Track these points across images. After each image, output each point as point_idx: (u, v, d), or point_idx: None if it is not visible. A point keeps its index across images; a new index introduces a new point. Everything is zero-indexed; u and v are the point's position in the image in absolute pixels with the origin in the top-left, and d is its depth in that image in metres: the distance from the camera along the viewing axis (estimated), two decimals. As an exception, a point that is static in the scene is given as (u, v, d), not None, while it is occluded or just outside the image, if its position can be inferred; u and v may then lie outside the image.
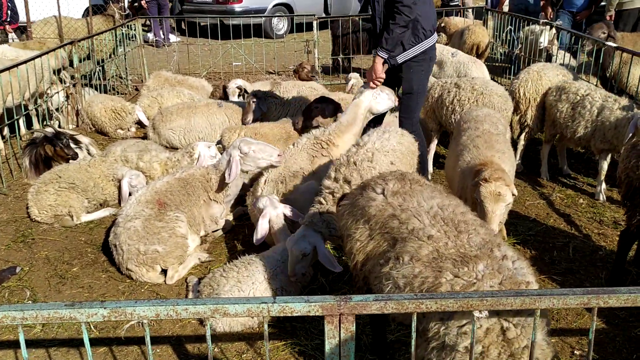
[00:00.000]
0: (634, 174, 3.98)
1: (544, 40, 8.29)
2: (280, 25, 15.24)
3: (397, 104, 5.20)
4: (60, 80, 8.08)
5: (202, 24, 14.58)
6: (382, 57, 4.93)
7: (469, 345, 2.03)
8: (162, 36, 14.05)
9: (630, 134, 5.05)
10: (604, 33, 7.44)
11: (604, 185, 5.74)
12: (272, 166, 4.83)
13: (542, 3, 9.95)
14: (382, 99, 5.09)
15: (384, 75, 5.02)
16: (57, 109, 7.86)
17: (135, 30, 10.52)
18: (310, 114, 5.84)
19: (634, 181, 3.99)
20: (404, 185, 2.89)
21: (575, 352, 3.61)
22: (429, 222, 2.56)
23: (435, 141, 6.61)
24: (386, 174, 3.14)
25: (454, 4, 12.93)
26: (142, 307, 1.91)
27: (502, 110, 5.82)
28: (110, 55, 9.82)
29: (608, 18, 9.17)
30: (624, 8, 9.30)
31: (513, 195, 3.68)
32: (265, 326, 2.01)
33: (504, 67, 10.35)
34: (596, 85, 6.55)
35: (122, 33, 9.94)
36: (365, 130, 5.00)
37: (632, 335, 3.77)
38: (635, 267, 4.48)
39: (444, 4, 13.17)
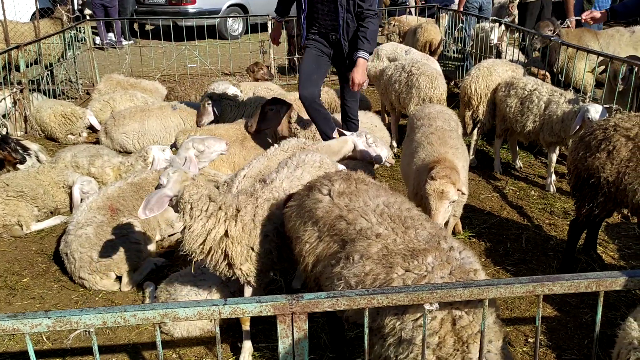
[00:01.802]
0: (582, 165, 4.10)
1: (494, 37, 8.48)
2: (235, 26, 15.10)
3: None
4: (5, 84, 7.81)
5: (151, 26, 14.35)
6: (366, 60, 5.17)
7: (426, 338, 2.06)
8: (114, 39, 13.73)
9: (578, 126, 5.21)
10: (551, 30, 7.65)
11: (553, 177, 5.91)
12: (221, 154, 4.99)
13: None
14: (378, 150, 4.86)
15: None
16: (4, 116, 7.59)
17: (84, 33, 10.26)
18: (264, 116, 5.81)
19: (582, 172, 4.11)
20: (350, 185, 2.89)
21: (528, 340, 3.70)
22: (376, 220, 2.59)
23: (394, 118, 7.12)
24: (332, 174, 3.12)
25: (402, 1, 13.05)
26: (88, 315, 1.86)
27: (429, 89, 6.26)
28: (59, 59, 9.54)
29: (511, 9, 9.59)
30: (528, 0, 9.74)
31: (462, 193, 3.73)
32: (217, 329, 1.98)
33: (456, 64, 10.55)
34: (543, 79, 6.73)
35: (71, 36, 9.68)
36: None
37: (582, 321, 3.89)
38: (585, 255, 4.62)
39: (394, 3, 13.29)
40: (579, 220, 4.28)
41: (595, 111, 5.15)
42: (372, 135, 4.89)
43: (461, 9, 10.19)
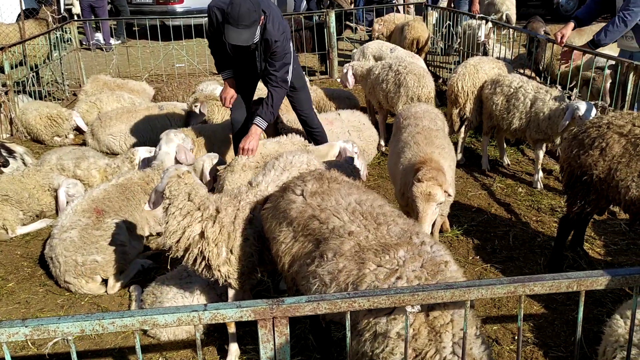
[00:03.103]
0: (575, 162, 4.12)
1: (481, 35, 8.49)
2: (224, 25, 15.01)
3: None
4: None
5: (138, 27, 14.26)
6: (261, 128, 4.84)
7: (401, 331, 2.08)
8: (103, 40, 13.60)
9: (567, 122, 5.25)
10: (544, 30, 7.63)
11: (540, 174, 5.93)
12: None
13: None
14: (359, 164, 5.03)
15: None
16: (-12, 118, 7.52)
17: (70, 33, 10.17)
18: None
19: (575, 170, 4.13)
20: (322, 185, 2.93)
21: (515, 337, 3.71)
22: (348, 218, 2.63)
23: (381, 117, 7.11)
24: (305, 174, 3.15)
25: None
26: (65, 324, 1.84)
27: (417, 88, 6.27)
28: (44, 60, 9.45)
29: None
30: None
31: (449, 195, 3.73)
32: (197, 335, 1.97)
33: (445, 61, 10.56)
34: (530, 77, 6.74)
35: (57, 37, 9.59)
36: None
37: (569, 318, 3.91)
38: (572, 252, 4.64)
39: (380, 1, 13.22)
40: (570, 217, 4.29)
41: (584, 108, 5.18)
42: (357, 147, 5.00)
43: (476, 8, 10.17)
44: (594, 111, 5.20)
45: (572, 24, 6.00)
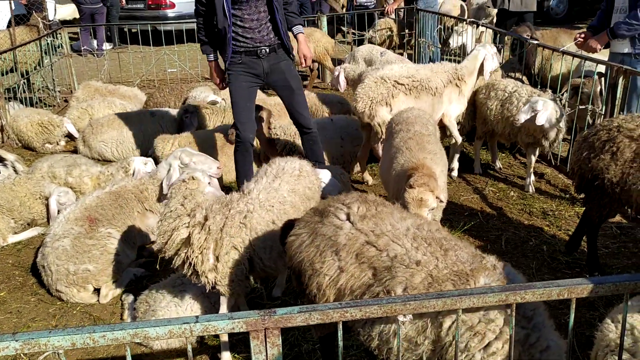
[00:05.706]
0: (585, 166, 4.14)
1: (452, 42, 8.54)
2: (215, 29, 15.02)
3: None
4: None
5: (132, 30, 14.25)
6: (304, 33, 5.29)
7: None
8: (96, 46, 13.56)
9: (523, 117, 5.36)
10: (528, 35, 7.69)
11: (532, 178, 5.96)
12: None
13: None
14: (495, 59, 6.01)
15: None
16: (-21, 126, 7.49)
17: (61, 39, 10.14)
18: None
19: (586, 173, 4.15)
20: (370, 208, 2.65)
21: (508, 343, 3.72)
22: (410, 245, 2.42)
23: None
24: (341, 197, 2.84)
25: (368, 3, 12.69)
26: (56, 337, 1.83)
27: None
28: (35, 67, 9.42)
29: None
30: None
31: (440, 200, 3.74)
32: (189, 347, 1.96)
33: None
34: (522, 81, 6.78)
35: (48, 43, 9.56)
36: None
37: (561, 322, 3.89)
38: (566, 256, 4.66)
39: (357, 7, 12.81)
40: (594, 221, 4.32)
41: (542, 104, 5.32)
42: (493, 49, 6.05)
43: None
44: (551, 105, 5.29)
45: (590, 34, 6.10)
